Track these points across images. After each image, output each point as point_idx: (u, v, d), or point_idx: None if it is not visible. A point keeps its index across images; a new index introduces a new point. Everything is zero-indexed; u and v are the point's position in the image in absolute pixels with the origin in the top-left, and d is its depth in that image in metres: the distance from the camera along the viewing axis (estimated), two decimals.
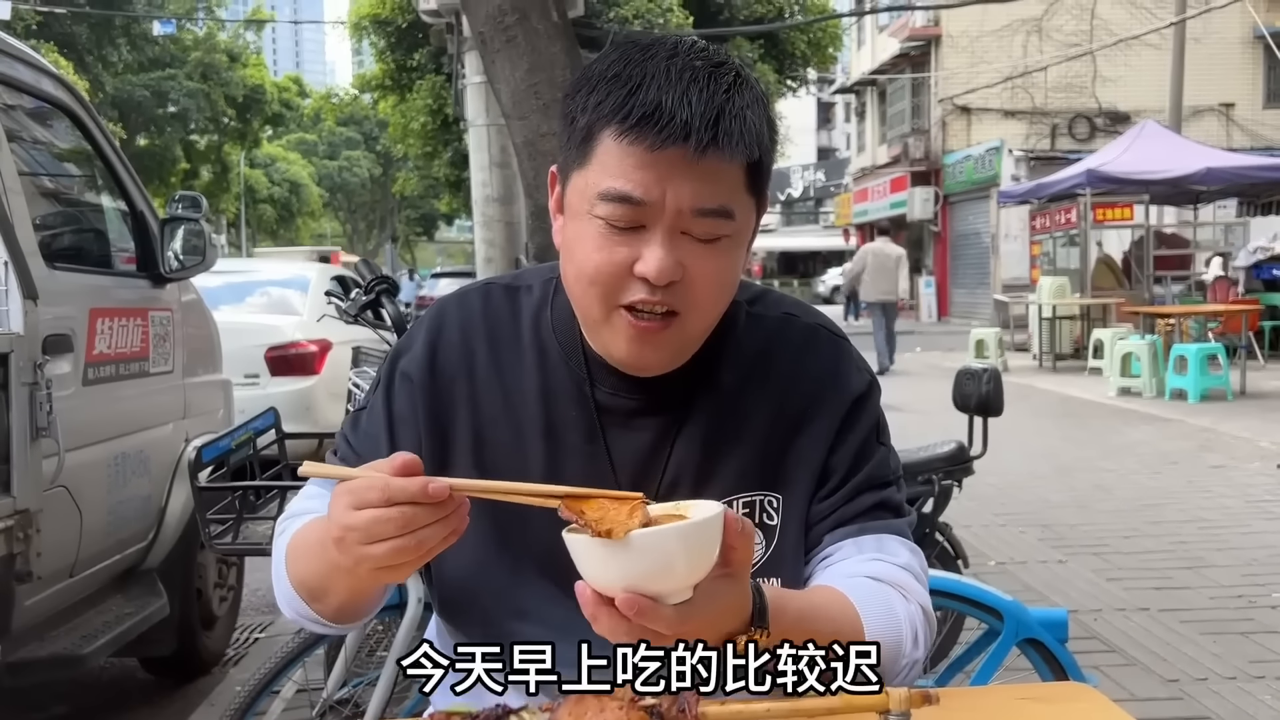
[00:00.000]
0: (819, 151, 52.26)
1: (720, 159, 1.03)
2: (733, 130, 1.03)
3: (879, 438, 1.24)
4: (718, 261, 1.08)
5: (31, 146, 3.39)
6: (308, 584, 1.11)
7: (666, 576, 0.87)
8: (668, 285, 1.05)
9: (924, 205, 26.64)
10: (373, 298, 3.11)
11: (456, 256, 59.65)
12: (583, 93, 1.08)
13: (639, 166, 1.03)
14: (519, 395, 1.19)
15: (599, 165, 1.05)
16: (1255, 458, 7.39)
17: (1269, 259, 14.34)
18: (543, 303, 1.23)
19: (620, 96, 1.04)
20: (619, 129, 1.03)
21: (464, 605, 1.22)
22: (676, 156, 1.02)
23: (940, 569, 2.96)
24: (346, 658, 2.61)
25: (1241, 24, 21.52)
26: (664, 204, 1.04)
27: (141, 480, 3.33)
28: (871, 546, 1.18)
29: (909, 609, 1.15)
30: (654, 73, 1.04)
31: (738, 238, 1.10)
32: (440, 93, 17.72)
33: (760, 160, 1.08)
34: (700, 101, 1.02)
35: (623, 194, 1.04)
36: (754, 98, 1.08)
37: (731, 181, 1.06)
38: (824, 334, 1.25)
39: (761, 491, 1.19)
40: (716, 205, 1.05)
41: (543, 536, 1.15)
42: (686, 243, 1.06)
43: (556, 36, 4.34)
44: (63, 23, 28.64)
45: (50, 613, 2.90)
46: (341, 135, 51.87)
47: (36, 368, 2.63)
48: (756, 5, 18.80)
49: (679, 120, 1.01)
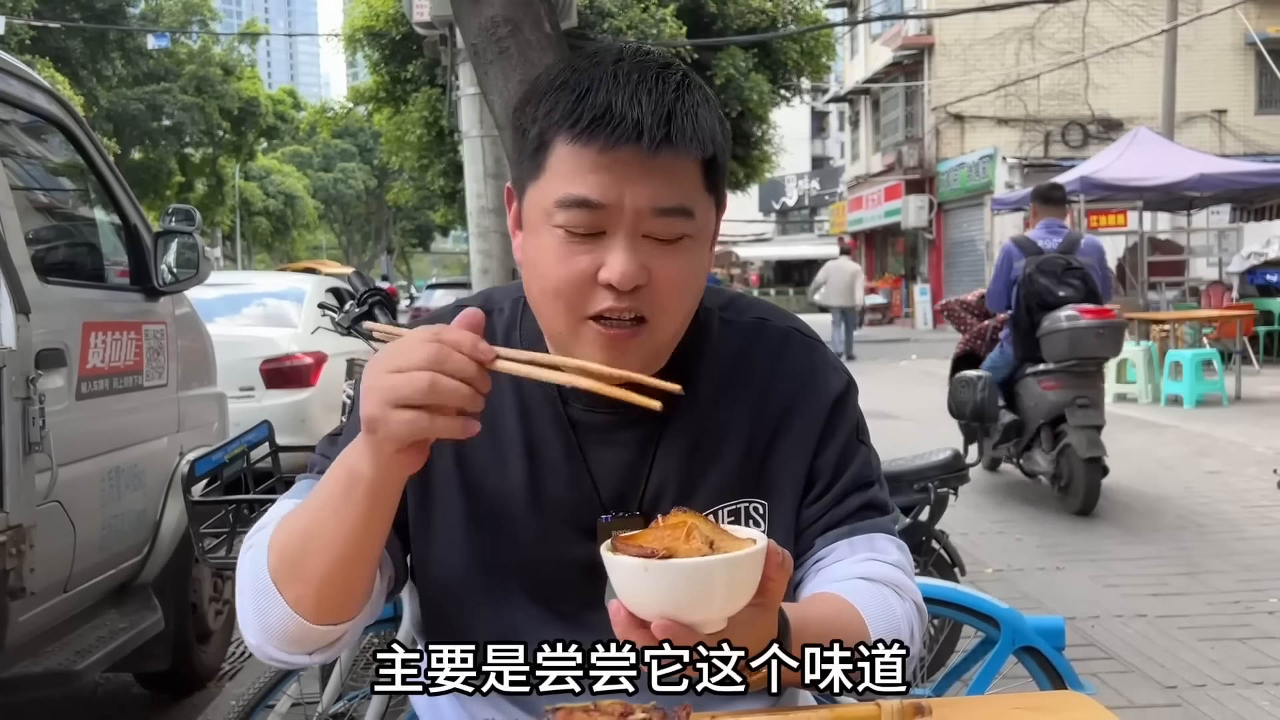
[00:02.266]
0: (813, 160, 52.33)
1: (675, 156, 1.03)
2: (685, 127, 1.03)
3: (859, 437, 1.25)
4: (681, 262, 1.07)
5: (24, 161, 3.39)
6: (290, 545, 1.03)
7: (705, 606, 0.87)
8: (634, 290, 1.04)
9: (918, 213, 26.70)
10: (365, 310, 3.11)
11: (452, 268, 59.71)
12: (531, 105, 1.08)
13: (594, 170, 1.03)
14: (498, 416, 1.18)
15: (554, 173, 1.05)
16: (1251, 463, 7.40)
17: (1263, 264, 14.38)
18: (512, 323, 1.22)
19: (569, 102, 1.04)
20: (571, 134, 1.03)
21: (449, 628, 1.21)
22: (631, 156, 1.02)
23: (937, 577, 2.96)
24: (341, 671, 2.60)
25: (1233, 31, 21.61)
26: (623, 206, 1.03)
27: (136, 494, 3.32)
28: (863, 546, 1.19)
29: (905, 606, 1.17)
30: (601, 76, 1.04)
31: (699, 237, 1.09)
32: (435, 105, 17.72)
33: (715, 157, 1.08)
34: (650, 101, 1.02)
35: (580, 198, 1.03)
36: (703, 97, 1.08)
37: (688, 179, 1.06)
38: (797, 337, 1.25)
39: (746, 499, 1.19)
40: (676, 204, 1.05)
41: (532, 557, 1.15)
42: (649, 245, 1.05)
43: (549, 48, 4.35)
44: (57, 37, 28.66)
45: (44, 628, 2.89)
46: (336, 147, 51.89)
47: (29, 382, 2.62)
48: (750, 15, 18.84)
49: (630, 119, 1.01)
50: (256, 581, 1.06)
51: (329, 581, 1.02)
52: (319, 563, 1.01)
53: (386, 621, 2.40)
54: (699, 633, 0.88)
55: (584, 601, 1.15)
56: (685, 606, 0.86)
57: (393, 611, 2.38)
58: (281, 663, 1.08)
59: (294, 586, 1.03)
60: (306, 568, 1.02)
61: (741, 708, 1.12)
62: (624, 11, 16.75)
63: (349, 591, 1.05)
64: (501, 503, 1.15)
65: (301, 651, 1.07)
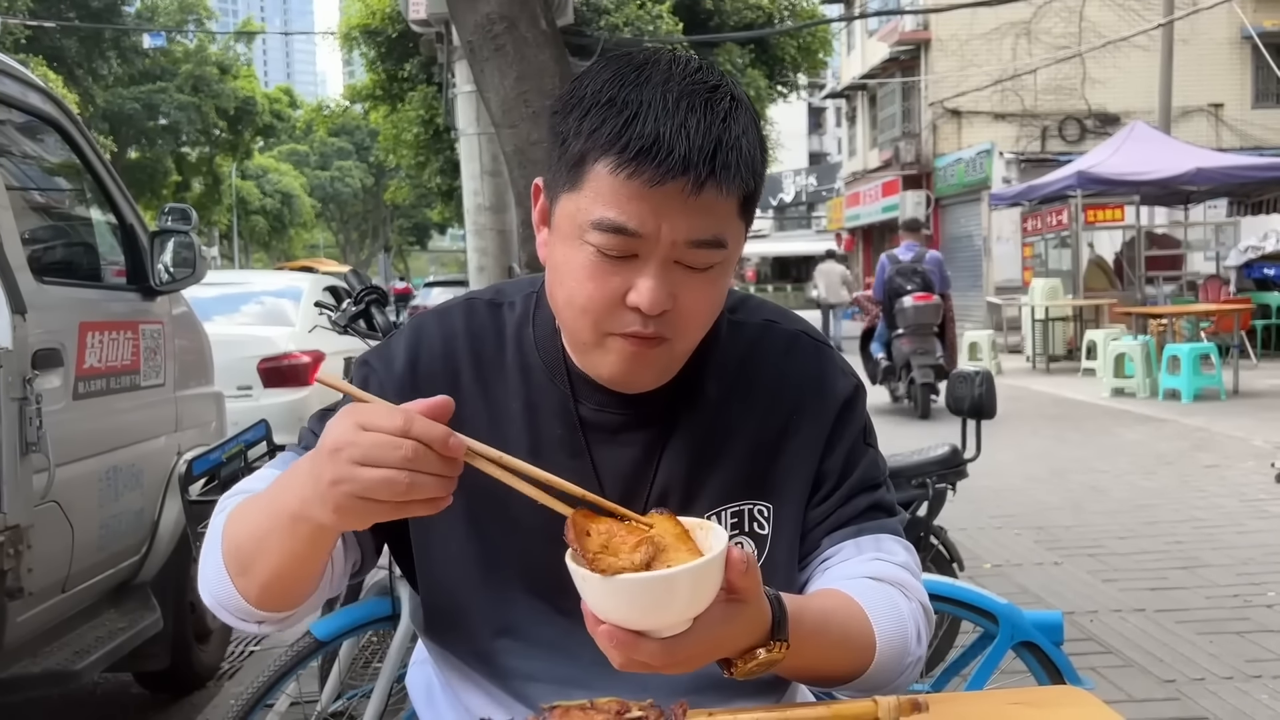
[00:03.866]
0: (810, 156, 52.31)
1: (717, 192, 1.02)
2: (730, 162, 1.02)
3: (866, 439, 1.24)
4: (708, 288, 1.08)
5: (20, 161, 3.38)
6: (242, 547, 1.05)
7: (656, 616, 0.88)
8: (660, 315, 1.05)
9: (916, 209, 26.68)
10: (362, 308, 3.11)
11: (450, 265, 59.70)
12: (575, 114, 1.05)
13: (634, 198, 1.01)
14: (504, 414, 1.17)
15: (592, 192, 1.03)
16: (1249, 457, 7.41)
17: (1260, 258, 14.39)
18: (525, 319, 1.21)
19: (616, 126, 1.01)
20: (616, 161, 1.01)
21: (450, 623, 1.21)
22: (674, 190, 1.00)
23: (935, 573, 2.96)
24: (341, 670, 2.60)
25: (1229, 25, 21.60)
26: (659, 236, 1.02)
27: (134, 494, 3.32)
28: (870, 546, 1.19)
29: (911, 606, 1.17)
30: (650, 100, 1.01)
31: (727, 263, 1.09)
32: (432, 103, 17.73)
33: (754, 188, 1.07)
34: (699, 133, 1.00)
35: (618, 225, 1.02)
36: (749, 121, 1.06)
37: (726, 212, 1.05)
38: (806, 340, 1.25)
39: (751, 501, 1.19)
40: (711, 236, 1.04)
41: (533, 554, 1.14)
42: (678, 271, 1.05)
43: (545, 45, 4.34)
44: (52, 36, 28.62)
45: (42, 628, 2.88)
46: (333, 145, 51.85)
47: (26, 383, 2.62)
48: (746, 11, 18.83)
49: (677, 155, 0.99)
50: (211, 554, 1.10)
51: (273, 583, 1.05)
52: (263, 568, 1.04)
53: (386, 620, 2.40)
54: (654, 638, 0.89)
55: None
56: (640, 616, 0.88)
57: (392, 610, 2.39)
58: (231, 623, 1.13)
59: (241, 579, 1.07)
60: (253, 569, 1.05)
61: (739, 705, 1.11)
62: (620, 8, 16.74)
63: (293, 593, 1.07)
64: (504, 501, 1.13)
65: (251, 622, 1.11)
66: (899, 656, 1.13)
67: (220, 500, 1.18)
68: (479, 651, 1.19)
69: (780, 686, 1.23)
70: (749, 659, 0.98)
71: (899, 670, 1.13)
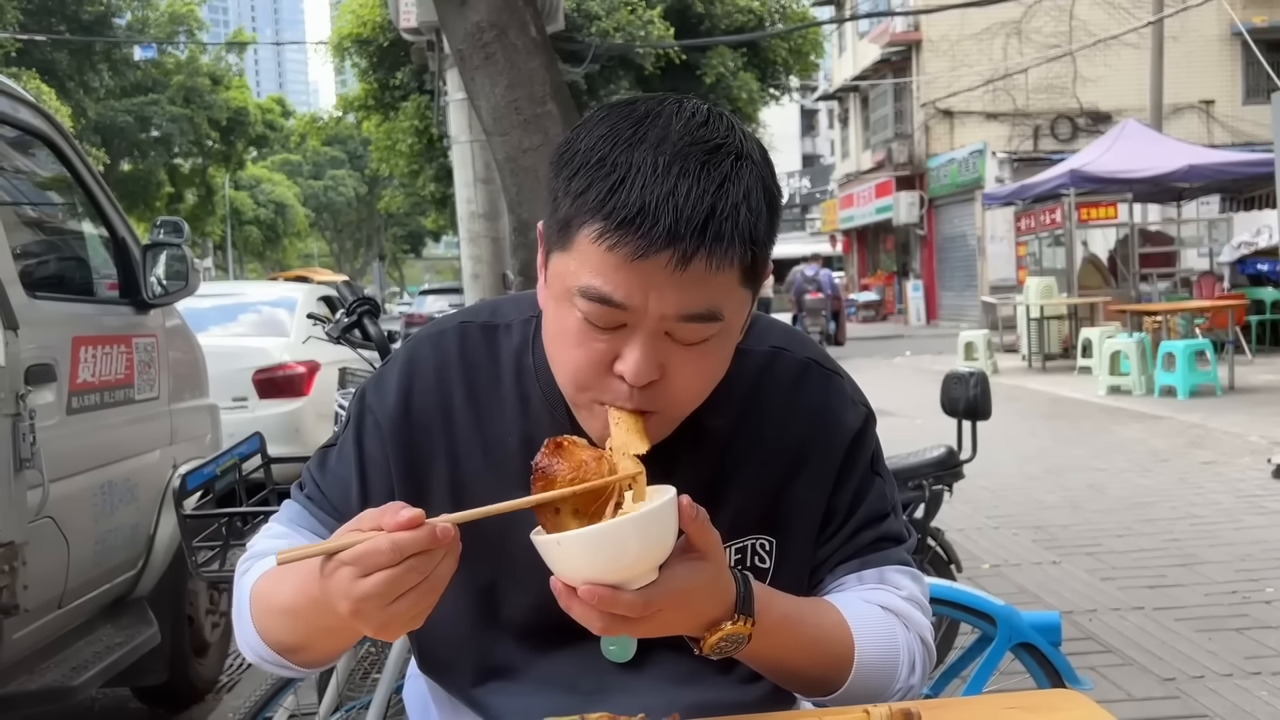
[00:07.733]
0: (803, 159, 52.40)
1: (707, 265, 0.96)
2: (724, 233, 0.95)
3: (874, 468, 1.21)
4: (702, 362, 1.02)
5: (10, 175, 3.37)
6: (286, 644, 1.08)
7: (621, 566, 0.91)
8: (647, 385, 1.00)
9: (909, 209, 26.75)
10: (354, 319, 3.10)
11: (444, 273, 59.65)
12: (566, 172, 0.99)
13: (619, 269, 0.95)
14: (500, 446, 1.15)
15: (580, 257, 0.98)
16: (1245, 453, 7.41)
17: (1253, 254, 14.42)
18: (523, 346, 1.17)
19: (601, 191, 0.95)
20: (600, 230, 0.95)
21: (444, 661, 1.20)
22: (660, 263, 0.94)
23: (933, 575, 2.96)
24: (339, 682, 2.59)
25: (1219, 21, 21.67)
26: (646, 309, 0.97)
27: (129, 508, 3.31)
28: (873, 579, 1.18)
29: (908, 637, 1.15)
30: (640, 164, 0.95)
31: (726, 334, 1.03)
32: (425, 111, 17.72)
33: (755, 256, 1.00)
34: (689, 201, 0.94)
35: (603, 295, 0.96)
36: (754, 181, 0.99)
37: (721, 284, 0.98)
38: (816, 369, 1.20)
39: (753, 536, 1.16)
40: (703, 310, 0.98)
41: (531, 592, 1.10)
42: (668, 343, 0.99)
43: (535, 52, 4.35)
44: (43, 49, 28.58)
45: (39, 645, 2.87)
46: (326, 155, 51.87)
47: (19, 398, 2.61)
48: (737, 15, 18.86)
49: (662, 227, 0.93)
50: (243, 615, 1.13)
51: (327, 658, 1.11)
52: (294, 640, 1.08)
53: None
54: (629, 589, 0.91)
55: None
56: (604, 569, 0.90)
57: None
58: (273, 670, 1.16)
59: (274, 643, 1.10)
60: (284, 639, 1.08)
61: (730, 714, 1.11)
62: (611, 14, 16.75)
63: (329, 654, 1.11)
64: (499, 532, 1.08)
65: (291, 667, 1.12)
66: (884, 680, 1.12)
67: (239, 564, 1.19)
68: (469, 694, 1.19)
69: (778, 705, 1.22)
70: (714, 631, 0.99)
71: (883, 696, 1.12)
